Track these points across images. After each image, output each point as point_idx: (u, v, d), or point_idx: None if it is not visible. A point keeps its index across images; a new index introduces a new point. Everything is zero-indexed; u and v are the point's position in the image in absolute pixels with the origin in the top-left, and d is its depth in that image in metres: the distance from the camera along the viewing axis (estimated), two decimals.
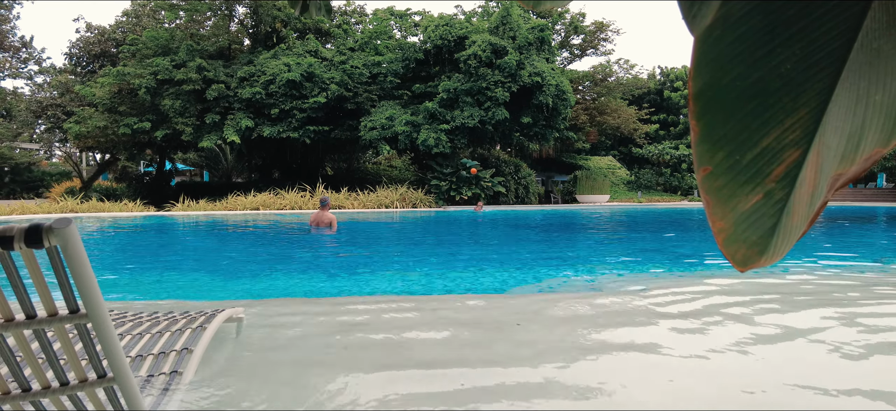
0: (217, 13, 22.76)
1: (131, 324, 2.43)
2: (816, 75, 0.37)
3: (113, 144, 21.42)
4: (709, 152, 0.38)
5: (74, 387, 1.25)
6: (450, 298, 3.92)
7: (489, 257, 6.71)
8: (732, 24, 0.37)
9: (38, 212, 15.49)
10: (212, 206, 18.01)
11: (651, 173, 31.25)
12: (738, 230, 0.40)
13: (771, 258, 0.40)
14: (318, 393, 1.99)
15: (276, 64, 19.34)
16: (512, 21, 19.55)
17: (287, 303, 3.75)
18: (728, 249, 0.40)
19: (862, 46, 0.37)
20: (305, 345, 2.56)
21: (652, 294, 3.84)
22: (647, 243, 8.38)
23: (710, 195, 0.39)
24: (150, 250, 8.18)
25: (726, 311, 3.21)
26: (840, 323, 2.96)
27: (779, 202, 0.39)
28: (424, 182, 21.06)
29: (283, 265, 6.05)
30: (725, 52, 0.38)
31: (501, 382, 2.07)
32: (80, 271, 1.04)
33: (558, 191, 26.95)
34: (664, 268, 5.52)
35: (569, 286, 4.59)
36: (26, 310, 1.11)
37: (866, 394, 1.97)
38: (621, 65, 32.53)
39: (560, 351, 2.45)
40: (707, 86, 0.38)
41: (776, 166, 0.38)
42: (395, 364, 2.29)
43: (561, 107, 20.33)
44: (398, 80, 21.04)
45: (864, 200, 27.03)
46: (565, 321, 2.98)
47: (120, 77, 19.31)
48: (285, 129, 19.26)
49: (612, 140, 33.97)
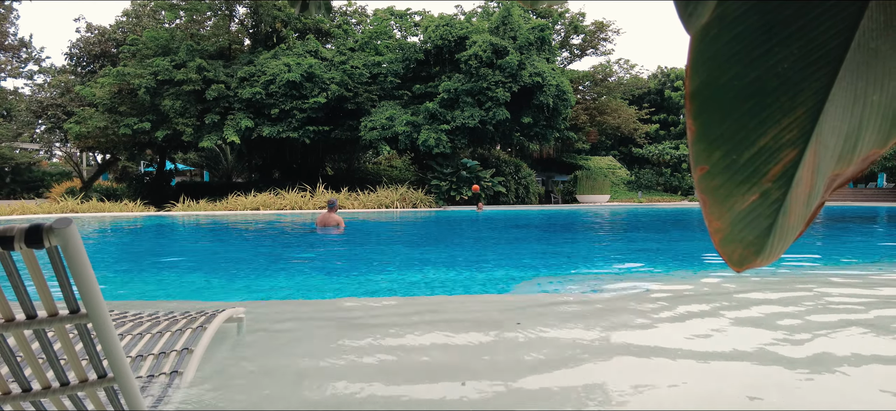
0: (217, 13, 22.76)
1: (131, 324, 2.43)
2: (814, 75, 0.37)
3: (113, 144, 21.44)
4: (705, 151, 0.38)
5: (75, 387, 1.25)
6: (450, 298, 3.93)
7: (489, 257, 6.71)
8: (729, 24, 0.37)
9: (38, 212, 15.50)
10: (212, 206, 18.01)
11: (651, 173, 31.23)
12: (735, 230, 0.40)
13: (767, 258, 0.40)
14: (318, 393, 1.99)
15: (277, 64, 19.34)
16: (512, 21, 19.55)
17: (287, 304, 3.75)
18: (724, 249, 0.40)
19: (859, 46, 0.37)
20: (306, 345, 2.56)
21: (652, 294, 3.84)
22: (648, 243, 8.37)
23: (706, 194, 0.39)
24: (150, 250, 8.18)
25: (727, 311, 3.21)
26: (842, 322, 2.96)
27: (775, 202, 0.39)
28: (425, 182, 21.05)
29: (283, 265, 6.05)
30: (722, 52, 0.37)
31: (501, 382, 2.07)
32: (81, 271, 1.04)
33: (558, 191, 26.94)
34: (664, 268, 5.52)
35: (569, 286, 4.58)
36: (27, 310, 1.12)
37: (868, 395, 1.97)
38: (621, 65, 32.54)
39: (560, 351, 2.45)
40: (703, 85, 0.38)
41: (773, 166, 0.38)
42: (395, 364, 2.29)
43: (561, 108, 20.33)
44: (398, 80, 21.03)
45: (865, 200, 27.01)
46: (565, 321, 2.98)
47: (120, 77, 19.31)
48: (285, 129, 19.26)
49: (613, 140, 33.96)
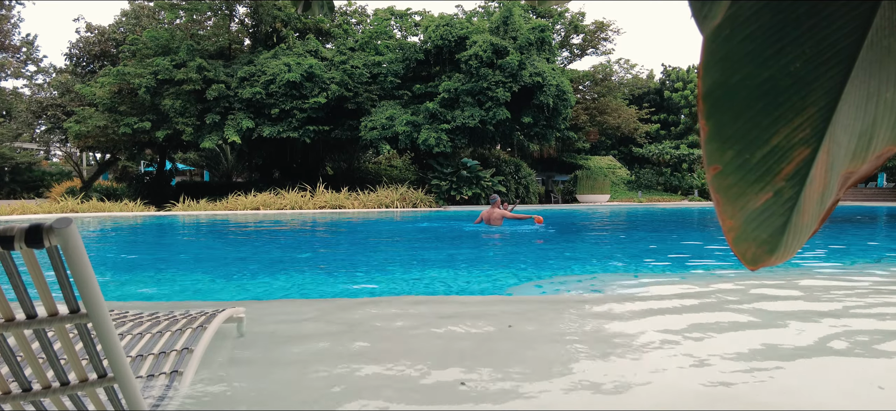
0: (217, 13, 22.74)
1: (132, 324, 2.43)
2: (826, 74, 0.37)
3: (113, 144, 21.42)
4: (718, 151, 0.38)
5: (75, 387, 1.24)
6: (450, 299, 3.92)
7: (489, 257, 6.71)
8: (741, 24, 0.37)
9: (38, 211, 15.49)
10: (212, 206, 18.01)
11: (651, 173, 31.23)
12: (748, 229, 0.40)
13: (781, 256, 0.40)
14: (318, 393, 1.98)
15: (277, 64, 19.33)
16: (513, 21, 19.54)
17: (287, 303, 3.75)
18: (738, 248, 0.40)
19: (872, 44, 0.37)
20: (306, 345, 2.55)
21: (652, 294, 3.84)
22: (648, 243, 8.37)
23: (719, 194, 0.39)
24: (150, 250, 8.17)
25: (727, 311, 3.21)
26: (844, 323, 2.96)
27: (788, 200, 0.39)
28: (425, 182, 21.05)
29: (283, 265, 6.05)
30: (734, 52, 0.37)
31: (501, 382, 2.07)
32: (81, 271, 1.03)
33: (558, 191, 26.94)
34: (665, 268, 5.52)
35: (568, 286, 4.58)
36: (27, 310, 1.11)
37: (870, 395, 1.97)
38: (621, 64, 32.55)
39: (560, 351, 2.45)
40: (716, 85, 0.37)
41: (785, 164, 0.38)
42: (395, 364, 2.29)
43: (561, 107, 20.33)
44: (398, 80, 21.02)
45: (866, 200, 27.06)
46: (565, 321, 2.98)
47: (120, 77, 19.29)
48: (286, 129, 19.25)
49: (613, 140, 33.97)
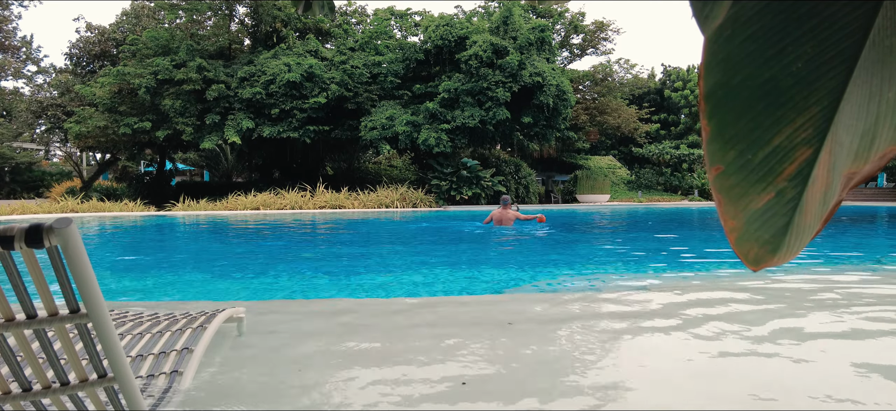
0: (217, 13, 22.73)
1: (132, 324, 2.43)
2: (828, 73, 0.37)
3: (113, 144, 21.41)
4: (720, 151, 0.38)
5: (75, 387, 1.24)
6: (450, 298, 3.92)
7: (489, 257, 6.71)
8: (743, 24, 0.37)
9: (38, 211, 15.49)
10: (212, 206, 18.00)
11: (651, 173, 31.20)
12: (751, 229, 0.39)
13: (784, 257, 0.40)
14: (318, 393, 1.98)
15: (277, 64, 19.32)
16: (513, 21, 19.53)
17: (288, 303, 3.75)
18: (740, 248, 0.40)
19: (874, 44, 0.37)
20: (306, 345, 2.55)
21: (652, 294, 3.84)
22: (648, 243, 8.37)
23: (721, 194, 0.38)
24: (150, 250, 8.17)
25: (728, 312, 3.21)
26: (845, 323, 2.95)
27: (791, 200, 0.39)
28: (425, 181, 21.04)
29: (283, 265, 6.05)
30: (736, 52, 0.37)
31: (501, 383, 2.07)
32: (81, 271, 1.03)
33: (558, 191, 26.93)
34: (665, 268, 5.51)
35: (568, 286, 4.58)
36: (27, 310, 1.11)
37: (873, 396, 1.97)
38: (621, 64, 32.52)
39: (560, 350, 2.45)
40: (718, 85, 0.37)
41: (788, 165, 0.38)
42: (395, 364, 2.29)
43: (561, 107, 20.32)
44: (398, 80, 21.01)
45: (866, 200, 27.04)
46: (565, 321, 2.97)
47: (120, 77, 19.28)
48: (285, 129, 19.25)
49: (613, 140, 33.94)
